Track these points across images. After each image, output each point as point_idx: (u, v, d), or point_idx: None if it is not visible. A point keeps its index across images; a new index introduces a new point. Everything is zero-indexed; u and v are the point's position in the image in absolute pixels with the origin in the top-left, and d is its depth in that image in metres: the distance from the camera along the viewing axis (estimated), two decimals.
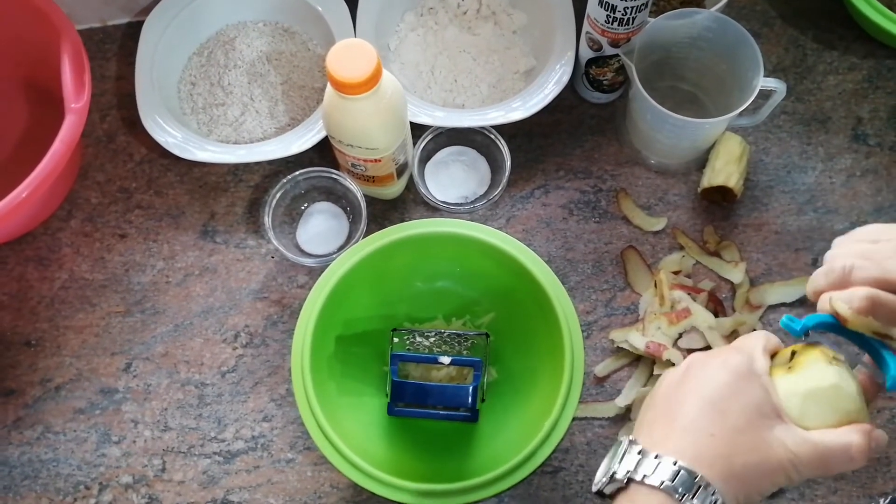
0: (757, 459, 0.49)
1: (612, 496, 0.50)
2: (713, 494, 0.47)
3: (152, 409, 0.77)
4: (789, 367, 0.52)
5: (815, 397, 0.50)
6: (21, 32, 0.81)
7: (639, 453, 0.49)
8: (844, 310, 0.51)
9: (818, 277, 0.54)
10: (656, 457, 0.48)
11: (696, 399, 0.50)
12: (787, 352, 0.54)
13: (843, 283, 0.52)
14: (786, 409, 0.50)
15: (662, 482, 0.47)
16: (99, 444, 0.76)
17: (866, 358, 0.55)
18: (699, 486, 0.47)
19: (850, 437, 0.49)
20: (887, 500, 0.73)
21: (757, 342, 0.54)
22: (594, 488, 0.51)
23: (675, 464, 0.48)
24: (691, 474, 0.47)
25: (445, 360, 0.71)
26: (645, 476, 0.48)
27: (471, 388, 0.70)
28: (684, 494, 0.47)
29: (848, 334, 0.53)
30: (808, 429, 0.50)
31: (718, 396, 0.50)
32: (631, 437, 0.51)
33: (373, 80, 0.64)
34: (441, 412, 0.72)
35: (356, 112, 0.67)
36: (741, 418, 0.49)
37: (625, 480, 0.49)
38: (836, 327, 0.52)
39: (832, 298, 0.52)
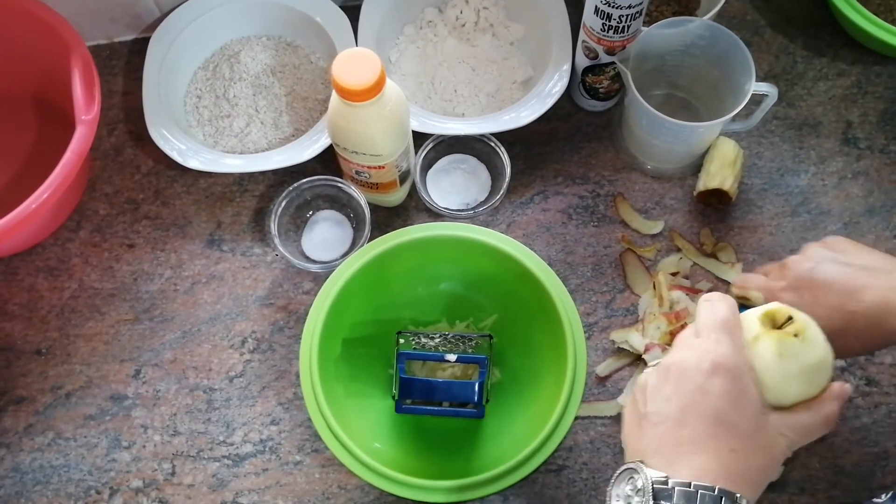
0: (767, 459, 0.50)
1: None
2: None
3: (161, 415, 0.78)
4: (795, 335, 0.52)
5: (807, 373, 0.51)
6: (31, 49, 0.83)
7: (664, 482, 0.47)
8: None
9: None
10: (690, 485, 0.46)
11: (703, 417, 0.49)
12: (782, 314, 0.54)
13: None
14: (770, 391, 0.51)
15: None
16: (109, 450, 0.77)
17: None
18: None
19: (829, 407, 0.51)
20: (888, 496, 0.74)
21: (729, 319, 0.53)
22: None
23: (714, 489, 0.46)
24: (730, 495, 0.46)
25: (451, 357, 0.73)
26: None
27: (477, 384, 0.72)
28: None
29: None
30: (783, 403, 0.51)
31: (723, 410, 0.49)
32: (639, 463, 0.49)
33: (377, 86, 0.66)
34: (448, 409, 0.73)
35: (361, 119, 0.69)
36: (749, 424, 0.49)
37: None
38: None
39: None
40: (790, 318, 0.53)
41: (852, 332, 0.59)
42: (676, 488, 0.46)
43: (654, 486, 0.47)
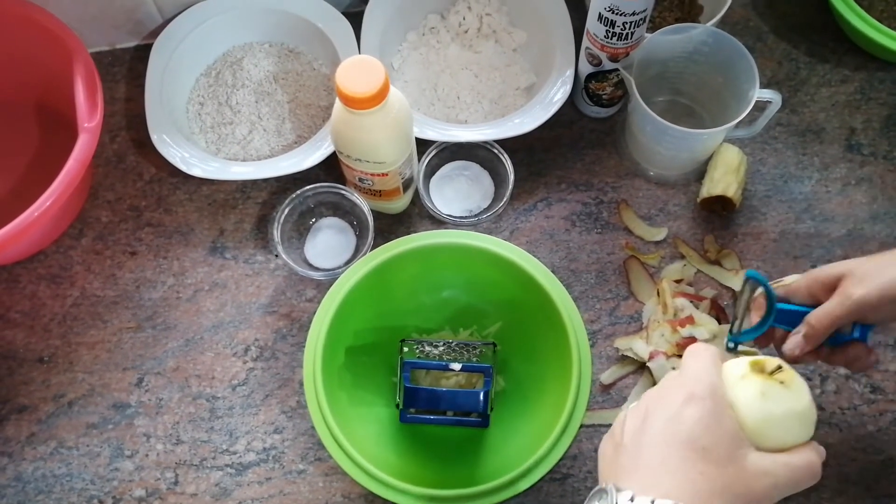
0: (743, 489, 0.49)
1: None
2: None
3: (164, 423, 0.78)
4: (782, 382, 0.52)
5: (789, 419, 0.52)
6: (34, 55, 0.83)
7: (631, 500, 0.48)
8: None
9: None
10: (653, 502, 0.47)
11: (674, 442, 0.50)
12: (772, 363, 0.54)
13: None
14: (749, 431, 0.51)
15: None
16: (112, 459, 0.77)
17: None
18: None
19: (812, 456, 0.51)
20: None
21: (708, 364, 0.53)
22: None
23: None
24: None
25: (456, 366, 0.72)
26: None
27: (482, 393, 0.71)
28: None
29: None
30: (763, 448, 0.51)
31: (695, 436, 0.49)
32: (614, 485, 0.50)
33: (381, 95, 0.66)
34: (452, 418, 0.73)
35: (364, 126, 0.69)
36: (722, 452, 0.49)
37: None
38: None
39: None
40: (780, 367, 0.54)
41: None
42: None
43: (615, 499, 0.48)
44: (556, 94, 0.83)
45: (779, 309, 0.64)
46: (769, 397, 0.51)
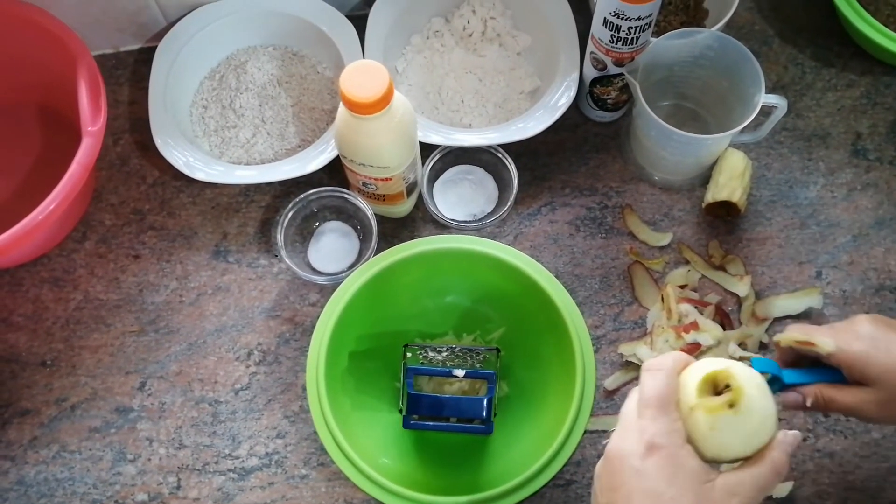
0: None
1: None
2: None
3: (167, 427, 0.78)
4: (730, 405, 0.52)
5: (744, 439, 0.52)
6: (37, 58, 0.82)
7: None
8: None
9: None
10: None
11: (644, 497, 0.51)
12: (722, 378, 0.54)
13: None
14: (710, 454, 0.52)
15: None
16: (114, 463, 0.77)
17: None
18: None
19: (775, 457, 0.52)
20: None
21: (662, 387, 0.53)
22: None
23: None
24: None
25: (460, 372, 0.72)
26: None
27: (486, 400, 0.71)
28: None
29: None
30: (722, 459, 0.52)
31: (660, 489, 0.50)
32: None
33: (385, 100, 0.66)
34: (456, 425, 0.73)
35: (368, 131, 0.69)
36: (690, 497, 0.50)
37: None
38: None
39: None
40: (728, 386, 0.53)
41: None
42: None
43: None
44: (561, 99, 0.82)
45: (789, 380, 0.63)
46: (718, 430, 0.52)
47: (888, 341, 0.59)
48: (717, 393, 0.53)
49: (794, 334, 0.62)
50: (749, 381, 0.53)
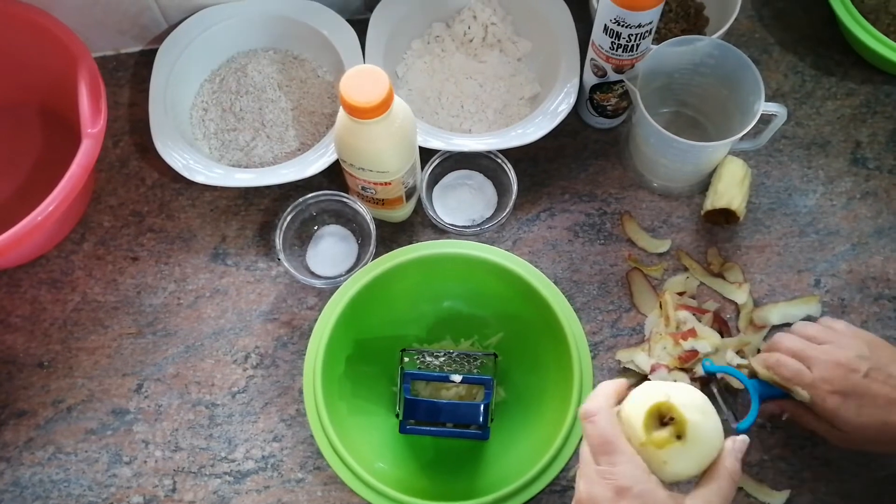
0: None
1: None
2: None
3: (163, 430, 0.78)
4: (678, 437, 0.54)
5: (696, 461, 0.55)
6: (38, 59, 0.83)
7: None
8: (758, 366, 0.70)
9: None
10: None
11: None
12: (665, 409, 0.55)
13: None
14: (668, 478, 0.55)
15: None
16: (110, 465, 0.76)
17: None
18: None
19: (727, 466, 0.55)
20: None
21: (607, 428, 0.55)
22: None
23: None
24: None
25: (457, 378, 0.72)
26: None
27: (482, 405, 0.71)
28: None
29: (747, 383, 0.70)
30: (680, 480, 0.56)
31: None
32: None
33: (385, 104, 0.66)
34: (452, 430, 0.73)
35: (368, 136, 0.69)
36: None
37: None
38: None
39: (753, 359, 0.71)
40: (672, 419, 0.55)
41: (886, 437, 0.65)
42: None
43: None
44: (561, 105, 0.82)
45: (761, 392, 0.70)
46: (671, 461, 0.54)
47: (860, 401, 0.65)
48: (664, 422, 0.56)
49: (774, 375, 0.68)
50: (690, 408, 0.55)
